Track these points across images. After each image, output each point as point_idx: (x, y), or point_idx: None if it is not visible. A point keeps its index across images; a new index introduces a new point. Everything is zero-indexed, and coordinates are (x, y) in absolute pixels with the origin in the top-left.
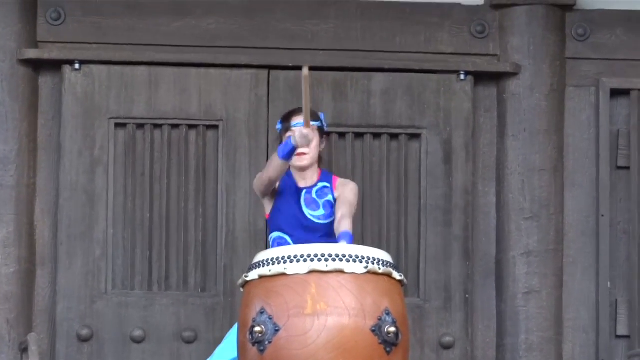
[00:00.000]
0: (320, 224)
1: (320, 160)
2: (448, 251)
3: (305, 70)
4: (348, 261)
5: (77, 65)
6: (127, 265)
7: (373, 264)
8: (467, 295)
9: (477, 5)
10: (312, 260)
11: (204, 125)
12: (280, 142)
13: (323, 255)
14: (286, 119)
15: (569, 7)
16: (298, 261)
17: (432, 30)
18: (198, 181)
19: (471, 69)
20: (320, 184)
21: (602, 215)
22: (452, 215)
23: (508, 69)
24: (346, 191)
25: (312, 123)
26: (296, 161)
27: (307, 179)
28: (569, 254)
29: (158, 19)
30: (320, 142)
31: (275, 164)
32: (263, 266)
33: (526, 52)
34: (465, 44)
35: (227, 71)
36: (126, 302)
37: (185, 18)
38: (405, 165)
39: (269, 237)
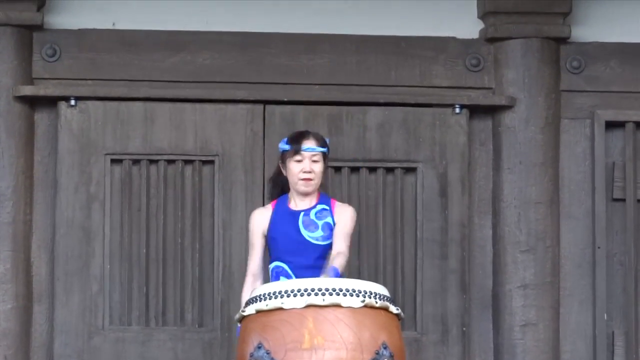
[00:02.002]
0: (318, 245)
1: (321, 185)
2: (444, 284)
3: None
4: (345, 295)
5: (72, 102)
6: (124, 301)
7: (370, 297)
8: (464, 328)
9: (472, 39)
10: (309, 294)
11: (200, 161)
12: (283, 162)
13: (320, 290)
14: (296, 140)
15: (564, 40)
16: (295, 295)
17: (427, 63)
18: (194, 216)
19: (466, 102)
20: (319, 206)
21: (599, 248)
22: (448, 248)
23: (503, 102)
24: (344, 218)
25: (320, 149)
26: (302, 186)
27: (306, 202)
28: (566, 286)
29: (153, 55)
30: (324, 168)
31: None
32: (260, 301)
33: (521, 85)
34: (460, 78)
35: (223, 106)
36: (123, 338)
37: (180, 53)
38: (401, 199)
39: (269, 267)
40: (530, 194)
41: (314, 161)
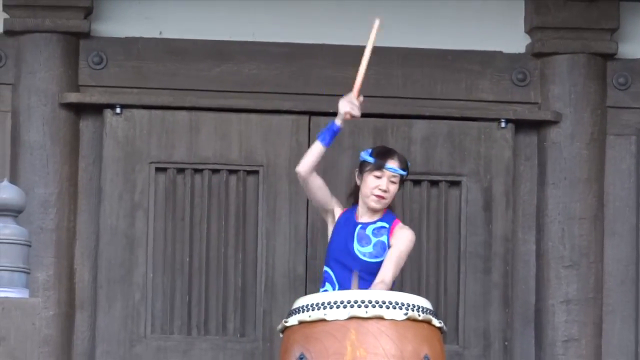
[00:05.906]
0: (363, 260)
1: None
2: (487, 298)
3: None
4: (388, 308)
5: (118, 110)
6: (167, 310)
7: (413, 310)
8: (506, 343)
9: (519, 54)
10: (352, 306)
11: (245, 171)
12: (360, 171)
13: (363, 302)
14: (381, 156)
15: (610, 56)
16: (338, 307)
17: (473, 77)
18: (238, 226)
19: (512, 116)
20: (380, 223)
21: None
22: (491, 262)
23: (549, 117)
24: (399, 242)
25: (402, 172)
26: (372, 202)
27: (369, 216)
28: (609, 302)
29: (199, 64)
30: (399, 189)
31: (313, 151)
32: (303, 312)
33: (567, 101)
34: (506, 92)
35: (268, 117)
36: (165, 347)
37: (227, 63)
38: (445, 213)
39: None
40: (575, 209)
41: (392, 182)
